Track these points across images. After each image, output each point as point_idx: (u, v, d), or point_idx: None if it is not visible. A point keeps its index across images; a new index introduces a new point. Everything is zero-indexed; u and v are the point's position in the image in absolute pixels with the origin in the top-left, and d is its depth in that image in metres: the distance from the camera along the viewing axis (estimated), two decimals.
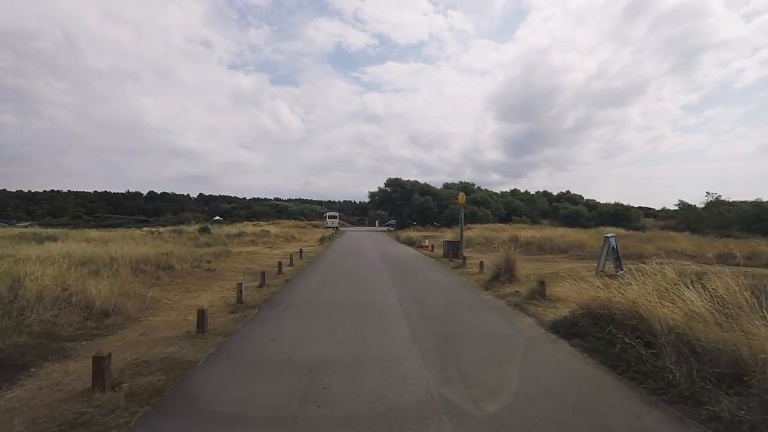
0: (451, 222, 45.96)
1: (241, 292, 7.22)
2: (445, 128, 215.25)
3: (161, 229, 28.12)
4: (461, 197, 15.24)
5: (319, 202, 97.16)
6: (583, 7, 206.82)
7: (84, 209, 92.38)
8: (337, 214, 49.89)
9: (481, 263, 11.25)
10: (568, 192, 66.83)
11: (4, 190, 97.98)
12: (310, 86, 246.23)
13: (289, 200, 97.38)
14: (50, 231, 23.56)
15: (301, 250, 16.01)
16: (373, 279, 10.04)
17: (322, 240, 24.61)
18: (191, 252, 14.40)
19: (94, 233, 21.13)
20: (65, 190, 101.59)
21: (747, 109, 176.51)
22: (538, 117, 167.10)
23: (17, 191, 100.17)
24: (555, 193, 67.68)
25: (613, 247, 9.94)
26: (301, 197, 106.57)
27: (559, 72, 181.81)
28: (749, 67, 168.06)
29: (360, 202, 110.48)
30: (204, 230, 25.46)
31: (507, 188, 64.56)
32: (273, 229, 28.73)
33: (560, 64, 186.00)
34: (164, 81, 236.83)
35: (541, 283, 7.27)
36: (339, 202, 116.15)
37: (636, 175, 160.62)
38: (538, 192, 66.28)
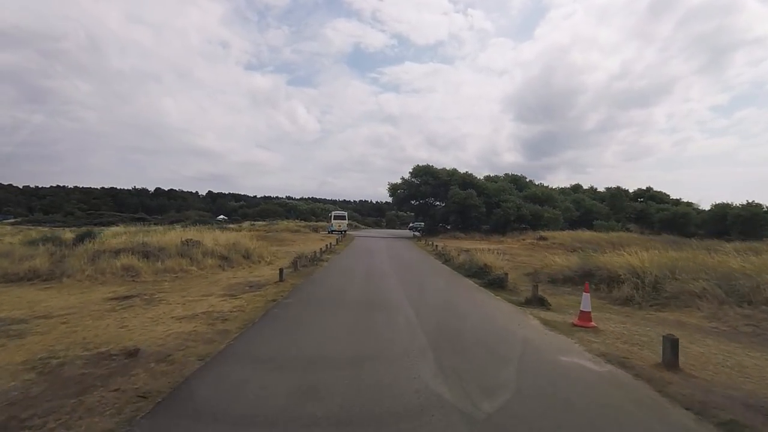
0: (502, 227, 32.45)
1: None
2: (462, 129, 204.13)
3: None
4: None
5: (334, 202, 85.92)
6: (606, 4, 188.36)
7: (86, 206, 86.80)
8: (345, 213, 36.03)
9: None
10: (649, 189, 51.16)
11: (10, 185, 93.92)
12: (327, 87, 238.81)
13: (300, 199, 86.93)
14: None
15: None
16: None
17: (291, 267, 12.00)
18: None
19: None
20: (71, 186, 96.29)
21: None
22: (557, 118, 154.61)
23: (24, 187, 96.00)
24: (631, 191, 52.37)
25: None
26: (316, 197, 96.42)
27: (579, 71, 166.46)
28: None
29: (376, 202, 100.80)
30: (82, 238, 13.97)
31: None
32: (218, 237, 16.25)
33: (581, 63, 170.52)
34: (184, 81, 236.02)
35: None
36: (355, 201, 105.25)
37: (661, 178, 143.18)
38: (610, 188, 50.45)
